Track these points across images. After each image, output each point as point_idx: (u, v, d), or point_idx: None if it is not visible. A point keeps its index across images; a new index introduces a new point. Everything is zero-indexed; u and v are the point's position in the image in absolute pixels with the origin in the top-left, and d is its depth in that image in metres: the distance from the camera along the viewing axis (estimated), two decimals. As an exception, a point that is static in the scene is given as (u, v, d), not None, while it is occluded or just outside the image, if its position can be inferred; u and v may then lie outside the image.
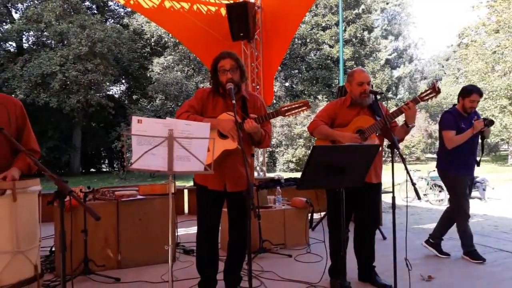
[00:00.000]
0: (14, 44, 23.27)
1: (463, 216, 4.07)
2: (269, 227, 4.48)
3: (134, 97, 27.27)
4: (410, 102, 3.13)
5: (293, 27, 7.68)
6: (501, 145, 28.20)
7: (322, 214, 5.67)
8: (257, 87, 7.60)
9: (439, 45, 69.94)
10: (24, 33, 22.64)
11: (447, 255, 4.21)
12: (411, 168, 3.27)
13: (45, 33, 22.28)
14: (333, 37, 27.20)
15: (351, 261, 3.20)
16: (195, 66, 25.03)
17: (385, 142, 3.45)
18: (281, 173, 18.86)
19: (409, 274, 2.83)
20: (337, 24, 26.20)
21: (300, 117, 21.07)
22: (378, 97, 3.18)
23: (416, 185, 2.76)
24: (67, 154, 22.58)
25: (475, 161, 4.15)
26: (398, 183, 8.42)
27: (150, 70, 24.25)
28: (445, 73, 34.93)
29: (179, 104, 22.37)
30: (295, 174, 16.24)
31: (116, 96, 27.05)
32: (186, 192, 7.69)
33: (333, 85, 26.49)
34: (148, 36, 24.87)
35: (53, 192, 2.06)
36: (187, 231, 5.54)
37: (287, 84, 28.81)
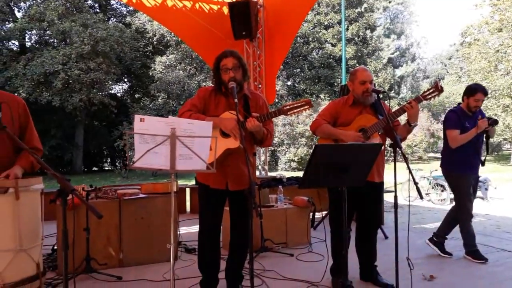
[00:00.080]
0: (16, 43, 23.32)
1: (466, 215, 4.05)
2: (271, 226, 4.48)
3: (136, 96, 27.31)
4: (412, 101, 3.11)
5: (296, 26, 7.67)
6: (503, 144, 28.14)
7: (324, 213, 5.67)
8: (259, 86, 7.60)
9: (441, 44, 69.85)
10: (26, 31, 22.70)
11: (449, 255, 4.20)
12: (413, 167, 3.25)
13: (47, 32, 22.34)
14: (335, 36, 27.17)
15: (352, 260, 3.20)
16: (197, 65, 25.04)
17: (387, 141, 3.44)
18: (283, 172, 18.89)
19: (411, 274, 2.82)
20: (339, 23, 26.16)
21: (302, 116, 21.05)
22: (381, 96, 3.17)
23: (418, 185, 2.75)
24: (69, 153, 22.64)
25: (480, 160, 4.13)
26: (400, 182, 8.40)
27: (152, 69, 24.27)
28: (447, 72, 34.82)
29: (181, 103, 22.38)
30: (297, 173, 16.24)
31: (119, 95, 27.08)
32: (188, 190, 7.70)
33: (335, 84, 26.47)
34: (151, 34, 24.88)
35: (55, 191, 2.07)
36: (189, 229, 5.55)
37: (289, 83, 28.78)
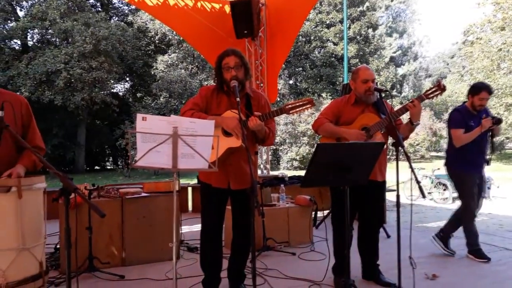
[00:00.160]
0: (19, 42, 23.37)
1: (469, 214, 4.04)
2: (273, 225, 4.48)
3: (138, 95, 27.34)
4: (415, 100, 3.10)
5: (298, 25, 7.67)
6: (506, 143, 28.03)
7: (326, 212, 5.67)
8: (261, 84, 7.60)
9: (444, 42, 69.71)
10: (29, 31, 22.72)
11: (451, 253, 4.19)
12: (415, 166, 3.24)
13: (49, 30, 22.36)
14: (337, 35, 27.14)
15: (355, 259, 3.19)
16: (199, 64, 25.04)
17: (389, 140, 3.44)
18: (285, 171, 18.87)
19: (413, 273, 2.82)
20: (341, 22, 26.13)
21: (304, 115, 21.04)
22: (383, 94, 3.17)
23: (421, 183, 2.75)
24: (71, 152, 22.70)
25: (484, 159, 4.10)
26: (402, 181, 8.37)
27: (154, 68, 24.30)
28: (450, 71, 34.73)
29: (183, 102, 22.40)
30: (299, 172, 16.24)
31: (120, 94, 27.11)
32: (190, 189, 7.71)
33: (337, 83, 26.44)
34: (152, 33, 24.91)
35: (58, 190, 2.07)
36: (191, 228, 5.56)
37: (291, 82, 28.78)
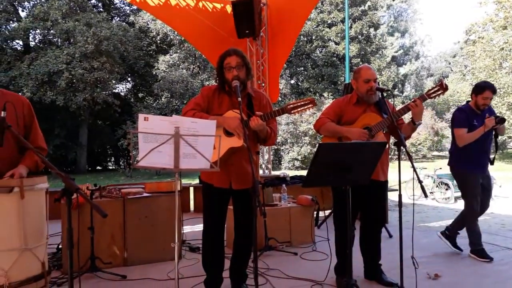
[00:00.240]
0: (21, 43, 23.43)
1: (472, 214, 4.03)
2: (274, 225, 4.48)
3: (140, 95, 27.37)
4: (417, 99, 3.09)
5: (299, 24, 7.67)
6: (508, 142, 27.97)
7: (328, 212, 5.66)
8: (263, 84, 7.60)
9: (446, 42, 69.47)
10: (30, 31, 22.78)
11: (459, 250, 4.17)
12: (417, 166, 3.23)
13: (51, 31, 22.41)
14: (339, 34, 27.10)
15: (357, 259, 3.19)
16: (201, 64, 25.06)
17: (391, 139, 3.43)
18: (286, 171, 18.87)
19: (416, 272, 2.81)
20: (343, 21, 26.10)
21: (306, 115, 21.04)
22: (385, 94, 3.16)
23: (423, 183, 2.74)
24: (73, 152, 22.74)
25: (488, 159, 4.07)
26: (404, 181, 8.38)
27: (155, 68, 24.32)
28: (452, 70, 34.68)
29: (184, 102, 22.41)
30: (300, 172, 16.22)
31: (122, 94, 27.16)
32: (191, 189, 7.72)
33: (339, 82, 26.41)
34: (154, 34, 24.93)
35: (60, 190, 2.07)
36: (193, 228, 5.56)
37: (292, 82, 28.76)
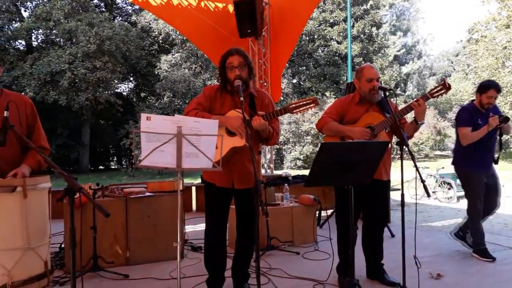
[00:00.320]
0: (23, 43, 23.49)
1: (476, 214, 4.01)
2: (277, 224, 4.48)
3: (142, 94, 27.42)
4: (420, 99, 3.08)
5: (301, 24, 7.66)
6: (511, 142, 27.88)
7: (330, 211, 5.66)
8: (265, 84, 7.60)
9: (448, 40, 69.11)
10: (33, 31, 22.84)
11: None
12: (419, 165, 3.22)
13: (54, 31, 22.45)
14: (341, 33, 27.08)
15: (359, 258, 3.19)
16: (203, 63, 25.08)
17: (394, 139, 3.42)
18: (288, 170, 18.86)
19: (418, 272, 2.81)
20: (345, 20, 26.06)
21: (308, 114, 21.03)
22: (387, 93, 3.15)
23: (425, 183, 2.74)
24: (76, 152, 22.78)
25: (492, 158, 4.04)
26: (406, 180, 8.36)
27: (157, 67, 24.35)
28: (454, 69, 34.61)
29: (186, 101, 22.44)
30: (302, 172, 16.22)
31: (124, 93, 27.20)
32: (194, 189, 7.72)
33: (341, 81, 26.39)
34: (156, 33, 24.95)
35: (63, 189, 2.08)
36: (195, 228, 5.56)
37: (294, 81, 28.75)
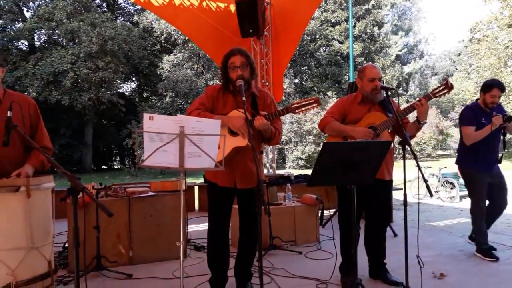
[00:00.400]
0: (26, 43, 23.55)
1: (478, 213, 4.00)
2: (279, 224, 4.48)
3: (145, 94, 27.46)
4: (422, 99, 3.07)
5: (303, 24, 7.65)
6: (513, 141, 27.79)
7: (332, 211, 5.66)
8: (267, 83, 7.59)
9: (450, 40, 69.02)
10: (35, 31, 22.89)
11: (493, 250, 4.06)
12: (422, 164, 3.23)
13: (56, 31, 22.51)
14: (342, 33, 27.05)
15: (361, 258, 3.19)
16: (205, 63, 25.09)
17: (396, 138, 3.42)
18: (290, 170, 18.87)
19: (421, 272, 2.81)
20: (346, 20, 26.04)
21: (310, 114, 21.02)
22: (389, 93, 3.15)
23: (428, 182, 2.73)
24: (79, 151, 22.85)
25: (496, 157, 4.02)
26: (409, 180, 8.34)
27: (160, 67, 24.38)
28: (456, 69, 34.52)
29: (189, 101, 22.46)
30: (305, 171, 16.21)
31: (127, 93, 27.26)
32: (196, 188, 7.74)
33: (342, 81, 26.37)
34: (158, 33, 24.99)
35: (66, 189, 2.09)
36: (198, 227, 5.57)
37: (296, 81, 28.73)
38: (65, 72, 20.13)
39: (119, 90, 24.76)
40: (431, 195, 2.70)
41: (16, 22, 23.08)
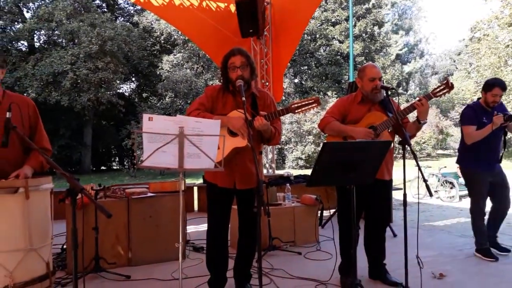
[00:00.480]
0: (25, 43, 23.52)
1: (478, 213, 3.99)
2: (278, 224, 4.47)
3: (144, 95, 27.44)
4: (423, 98, 3.06)
5: (303, 23, 7.65)
6: (513, 141, 27.79)
7: (332, 211, 5.65)
8: (267, 83, 7.59)
9: (450, 39, 68.94)
10: (35, 32, 22.86)
11: (507, 251, 4.05)
12: (422, 164, 3.21)
13: (56, 32, 22.49)
14: (343, 33, 27.04)
15: (361, 258, 3.18)
16: (205, 63, 25.09)
17: (396, 138, 3.41)
18: (290, 170, 18.85)
19: (421, 272, 2.80)
20: (347, 19, 26.03)
21: (309, 114, 21.00)
22: (389, 92, 3.14)
23: (428, 182, 2.72)
24: (78, 152, 22.82)
25: (497, 157, 4.00)
26: (409, 179, 8.33)
27: (159, 68, 24.37)
28: (456, 68, 34.49)
29: (188, 101, 22.46)
30: (304, 171, 16.21)
31: (126, 94, 27.23)
32: (196, 189, 7.73)
33: (342, 81, 26.36)
34: (158, 34, 24.97)
35: (65, 190, 2.08)
36: (197, 228, 5.56)
37: (296, 81, 28.72)
38: (64, 73, 20.11)
39: (118, 91, 24.73)
40: (430, 195, 2.69)
41: (16, 23, 23.06)
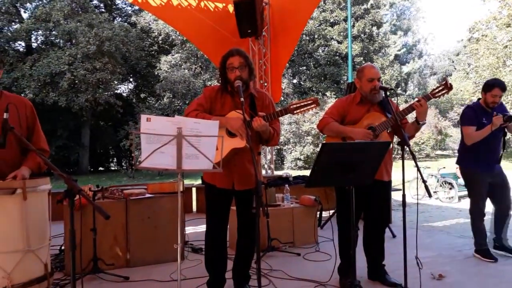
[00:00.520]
0: (23, 44, 23.50)
1: (477, 213, 3.98)
2: (277, 225, 4.46)
3: (142, 95, 27.41)
4: (421, 99, 3.06)
5: (301, 24, 7.65)
6: (512, 141, 27.86)
7: (331, 212, 5.65)
8: (265, 84, 7.59)
9: (449, 40, 68.93)
10: (33, 32, 22.85)
11: None
12: (420, 165, 3.21)
13: (53, 32, 22.47)
14: (341, 33, 27.06)
15: (360, 259, 3.18)
16: (203, 64, 25.08)
17: (395, 139, 3.41)
18: (289, 171, 18.84)
19: (420, 273, 2.80)
20: (345, 20, 26.05)
21: (308, 115, 20.99)
22: (388, 93, 3.14)
23: (426, 183, 2.72)
24: (76, 153, 22.77)
25: (497, 157, 4.00)
26: (408, 180, 8.33)
27: (157, 68, 24.35)
28: (455, 69, 34.56)
29: (186, 102, 22.44)
30: (303, 172, 16.21)
31: (124, 94, 27.19)
32: (194, 190, 7.71)
33: (341, 81, 26.39)
34: (156, 34, 24.95)
35: (62, 191, 2.07)
36: (196, 229, 5.55)
37: (295, 81, 28.73)
38: (62, 73, 20.08)
39: (116, 91, 24.71)
40: (429, 195, 2.69)
41: (13, 23, 23.01)
